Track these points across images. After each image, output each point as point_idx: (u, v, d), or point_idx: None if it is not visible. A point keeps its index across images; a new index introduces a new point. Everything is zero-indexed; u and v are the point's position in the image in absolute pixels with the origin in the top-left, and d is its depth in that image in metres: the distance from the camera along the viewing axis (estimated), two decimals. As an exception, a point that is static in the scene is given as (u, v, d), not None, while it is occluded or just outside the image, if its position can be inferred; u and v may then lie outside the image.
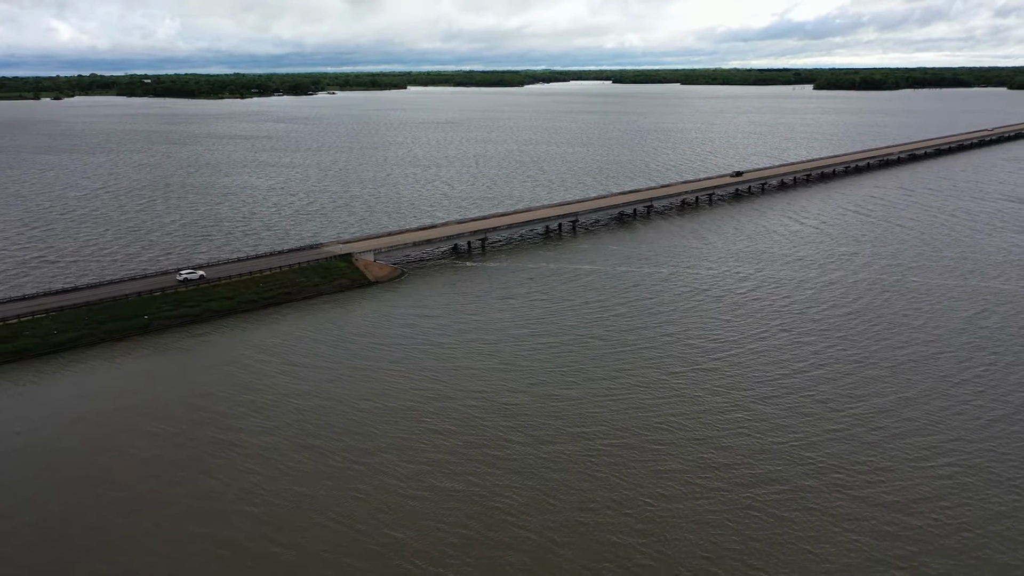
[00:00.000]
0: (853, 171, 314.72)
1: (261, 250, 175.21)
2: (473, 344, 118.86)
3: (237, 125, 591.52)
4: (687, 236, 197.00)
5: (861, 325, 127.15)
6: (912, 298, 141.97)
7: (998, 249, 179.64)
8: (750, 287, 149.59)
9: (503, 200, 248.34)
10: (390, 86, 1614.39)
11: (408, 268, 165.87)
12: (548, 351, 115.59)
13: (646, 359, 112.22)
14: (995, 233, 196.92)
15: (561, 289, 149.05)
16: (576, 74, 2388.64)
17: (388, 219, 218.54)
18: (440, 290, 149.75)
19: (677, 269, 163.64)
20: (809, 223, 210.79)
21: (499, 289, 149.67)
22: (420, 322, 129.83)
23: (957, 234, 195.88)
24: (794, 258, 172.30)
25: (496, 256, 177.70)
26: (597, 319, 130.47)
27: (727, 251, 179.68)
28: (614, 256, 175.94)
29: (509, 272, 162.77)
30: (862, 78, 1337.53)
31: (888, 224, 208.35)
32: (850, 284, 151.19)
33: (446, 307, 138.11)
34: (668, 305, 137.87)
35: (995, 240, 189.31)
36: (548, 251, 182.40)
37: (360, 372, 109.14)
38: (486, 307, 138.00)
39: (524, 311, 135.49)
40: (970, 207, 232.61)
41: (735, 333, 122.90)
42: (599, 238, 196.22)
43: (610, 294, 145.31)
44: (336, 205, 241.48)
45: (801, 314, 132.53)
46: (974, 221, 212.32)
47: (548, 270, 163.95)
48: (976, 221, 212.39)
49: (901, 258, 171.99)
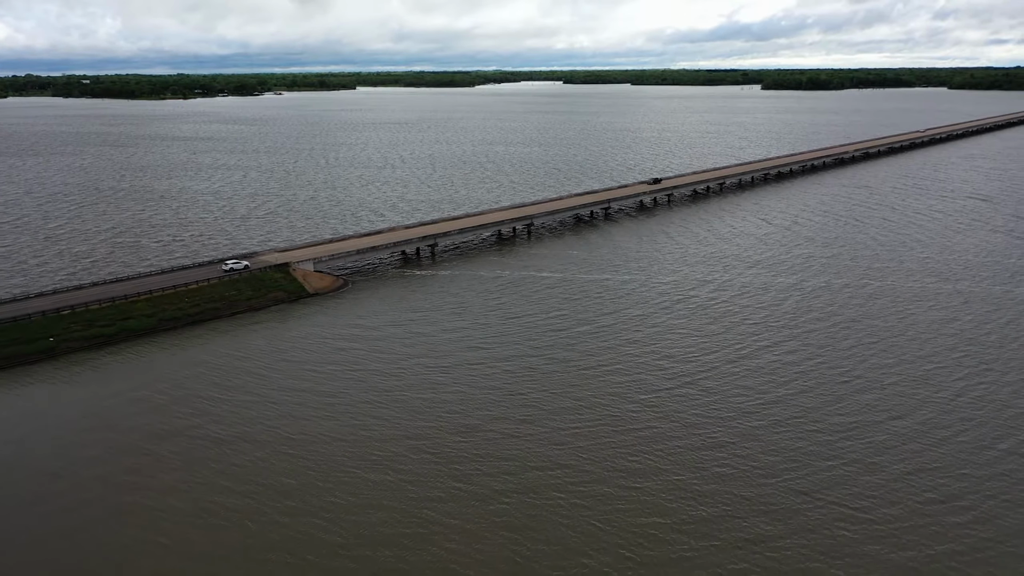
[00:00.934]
0: (810, 170, 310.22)
1: (190, 260, 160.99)
2: (418, 369, 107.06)
3: (178, 126, 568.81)
4: (650, 239, 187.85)
5: (848, 339, 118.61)
6: (899, 306, 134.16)
7: (978, 249, 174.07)
8: (724, 296, 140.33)
9: (457, 203, 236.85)
10: (339, 87, 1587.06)
11: (352, 278, 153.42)
12: (504, 377, 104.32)
13: (614, 385, 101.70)
14: (969, 232, 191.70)
15: (518, 301, 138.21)
16: (527, 75, 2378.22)
17: (333, 224, 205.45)
18: (385, 303, 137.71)
19: (643, 276, 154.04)
20: (777, 224, 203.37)
21: (450, 301, 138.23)
22: (360, 342, 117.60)
23: (931, 234, 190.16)
24: (767, 262, 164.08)
25: (447, 263, 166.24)
26: (558, 337, 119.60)
27: (695, 255, 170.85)
28: (573, 262, 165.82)
29: (461, 281, 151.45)
30: (808, 78, 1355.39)
31: (858, 224, 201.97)
32: (832, 291, 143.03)
33: (390, 323, 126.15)
34: (636, 320, 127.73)
35: (971, 239, 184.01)
36: (502, 257, 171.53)
37: (285, 409, 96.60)
38: (435, 323, 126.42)
39: (477, 328, 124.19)
40: (938, 206, 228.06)
41: (711, 353, 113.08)
42: (556, 242, 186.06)
43: (572, 306, 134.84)
44: (278, 210, 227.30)
45: (782, 328, 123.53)
46: (945, 220, 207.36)
47: (503, 279, 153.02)
48: (947, 220, 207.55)
49: (879, 260, 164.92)
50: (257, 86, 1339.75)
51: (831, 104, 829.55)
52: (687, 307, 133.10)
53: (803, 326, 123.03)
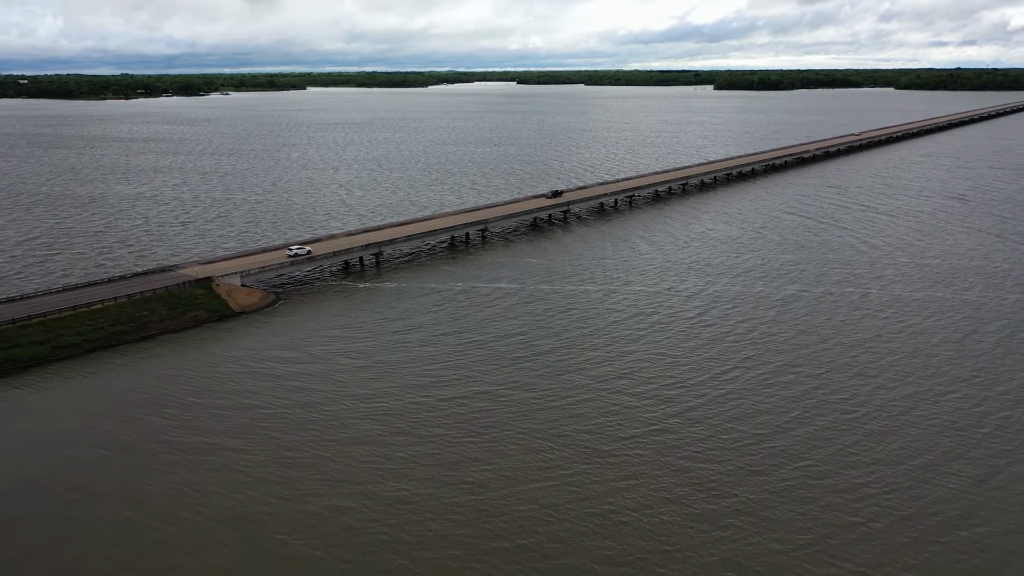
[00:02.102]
0: (772, 169, 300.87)
1: (100, 275, 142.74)
2: (355, 405, 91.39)
3: (116, 127, 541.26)
4: (613, 244, 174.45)
5: (841, 357, 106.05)
6: (896, 318, 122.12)
7: (965, 252, 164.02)
8: (699, 308, 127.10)
9: (409, 207, 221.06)
10: (288, 87, 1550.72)
11: (285, 293, 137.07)
12: (455, 412, 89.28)
13: (585, 421, 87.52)
14: (948, 235, 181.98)
15: (472, 318, 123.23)
16: (480, 75, 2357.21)
17: (270, 232, 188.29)
18: (320, 322, 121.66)
19: (609, 286, 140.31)
20: (749, 227, 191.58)
21: (396, 318, 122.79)
22: (286, 375, 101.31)
23: (913, 236, 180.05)
24: (741, 269, 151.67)
25: (393, 273, 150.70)
26: (518, 360, 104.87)
27: (664, 262, 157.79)
28: (532, 271, 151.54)
29: (409, 295, 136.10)
30: (759, 79, 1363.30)
31: (836, 226, 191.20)
32: (812, 300, 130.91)
33: (325, 348, 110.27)
34: (605, 337, 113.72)
35: (950, 242, 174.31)
36: (455, 266, 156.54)
37: (190, 465, 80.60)
38: (378, 346, 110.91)
39: (425, 350, 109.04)
40: (913, 205, 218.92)
41: (691, 376, 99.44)
42: (513, 249, 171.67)
43: (532, 323, 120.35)
44: (212, 216, 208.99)
45: (766, 344, 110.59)
46: (925, 220, 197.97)
47: (456, 291, 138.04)
48: (927, 220, 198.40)
49: (864, 265, 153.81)
50: (203, 86, 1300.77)
51: (784, 104, 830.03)
52: (660, 322, 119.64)
53: (792, 343, 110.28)
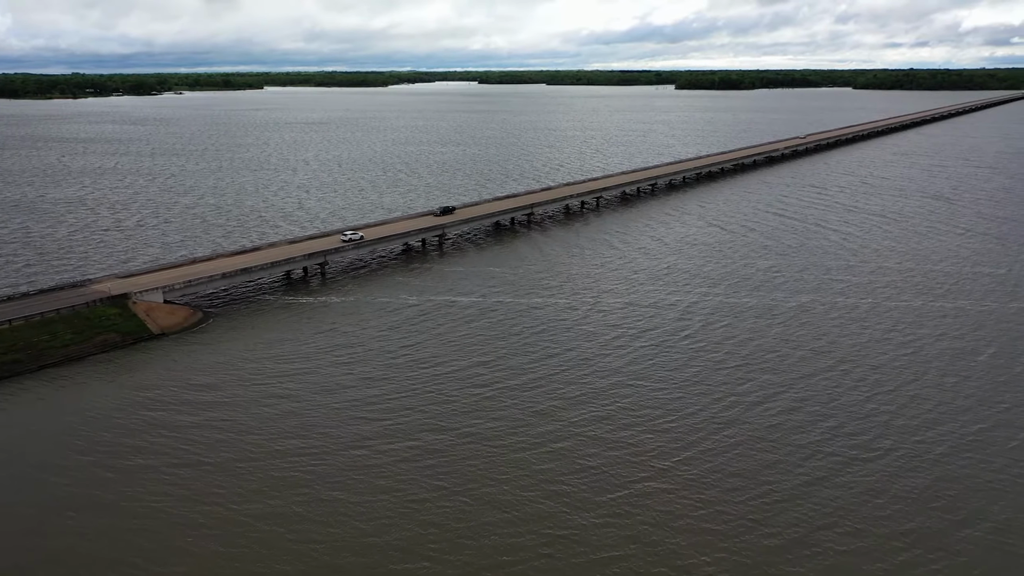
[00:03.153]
0: (741, 168, 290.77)
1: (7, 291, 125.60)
2: (284, 456, 76.35)
3: (59, 127, 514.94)
4: (584, 251, 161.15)
5: (855, 388, 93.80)
6: (901, 335, 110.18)
7: (959, 258, 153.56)
8: (686, 326, 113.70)
9: (364, 210, 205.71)
10: (245, 86, 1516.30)
11: (215, 309, 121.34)
12: (404, 465, 74.79)
13: (559, 479, 73.69)
14: (938, 237, 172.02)
15: (429, 341, 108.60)
16: (442, 75, 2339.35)
17: (210, 239, 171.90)
18: (251, 345, 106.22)
19: (582, 300, 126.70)
20: (730, 230, 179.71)
21: (339, 342, 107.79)
22: (205, 414, 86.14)
23: (902, 240, 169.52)
24: (727, 277, 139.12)
25: (342, 286, 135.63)
26: (481, 397, 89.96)
27: (643, 270, 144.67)
28: (495, 281, 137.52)
29: (357, 311, 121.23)
30: (720, 78, 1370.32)
31: (821, 229, 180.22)
32: (810, 313, 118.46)
33: (254, 378, 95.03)
34: (580, 364, 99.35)
35: (942, 245, 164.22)
36: (409, 276, 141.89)
37: (73, 528, 65.41)
38: (316, 376, 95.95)
39: (374, 385, 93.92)
40: (897, 206, 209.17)
41: (681, 418, 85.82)
42: (473, 256, 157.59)
43: (495, 345, 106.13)
44: (148, 222, 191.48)
45: (768, 371, 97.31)
46: (910, 222, 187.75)
47: (410, 307, 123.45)
48: (912, 222, 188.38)
49: (858, 272, 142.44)
50: (156, 85, 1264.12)
51: (747, 103, 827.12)
52: (644, 344, 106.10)
53: (795, 369, 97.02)
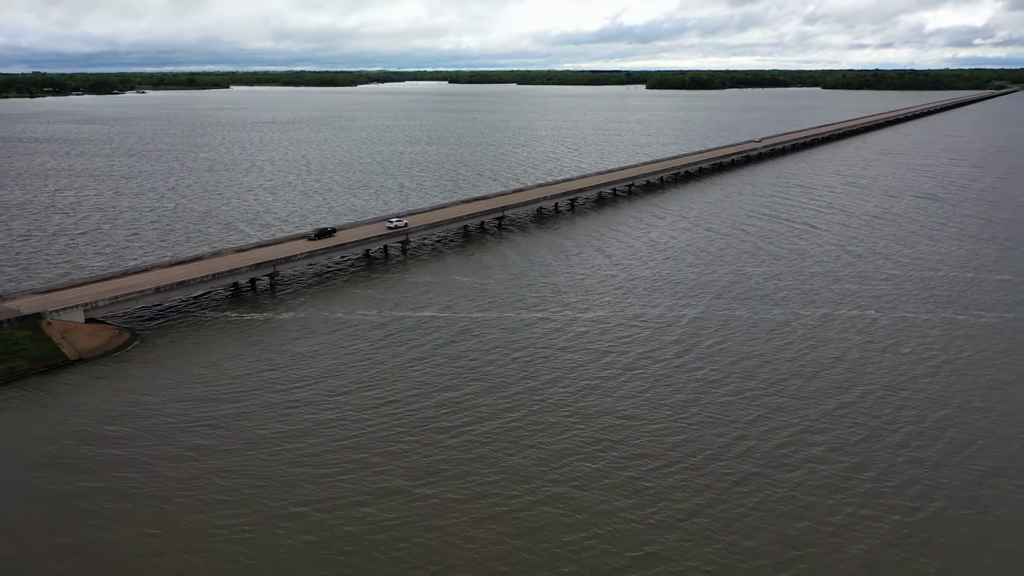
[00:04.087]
0: (720, 168, 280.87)
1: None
2: (210, 515, 63.51)
3: (10, 126, 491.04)
4: (561, 258, 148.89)
5: (874, 415, 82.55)
6: (931, 358, 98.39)
7: (966, 263, 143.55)
8: (677, 344, 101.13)
9: (325, 214, 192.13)
10: (211, 85, 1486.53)
11: (147, 328, 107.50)
12: (352, 526, 62.35)
13: (537, 547, 61.68)
14: (936, 240, 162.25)
15: (387, 366, 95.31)
16: (412, 75, 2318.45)
17: (150, 247, 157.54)
18: (183, 371, 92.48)
19: (562, 314, 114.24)
20: (716, 234, 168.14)
21: (285, 366, 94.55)
22: (112, 456, 72.86)
23: (895, 243, 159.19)
24: (718, 287, 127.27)
25: (293, 299, 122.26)
26: (444, 442, 76.94)
27: (626, 280, 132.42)
28: (463, 293, 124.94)
29: (308, 329, 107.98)
30: (690, 78, 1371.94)
31: (816, 232, 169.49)
32: (810, 328, 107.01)
33: (184, 413, 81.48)
34: (560, 391, 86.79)
35: (942, 248, 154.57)
36: (369, 287, 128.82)
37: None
38: (255, 409, 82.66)
39: (320, 424, 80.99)
40: (889, 207, 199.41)
41: (683, 456, 73.35)
42: (439, 264, 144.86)
43: (464, 369, 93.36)
44: (87, 227, 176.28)
45: (788, 407, 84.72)
46: (902, 226, 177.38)
47: (369, 324, 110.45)
48: (908, 224, 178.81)
49: (866, 280, 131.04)
50: (118, 84, 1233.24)
51: (719, 103, 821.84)
52: (637, 373, 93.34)
53: (816, 404, 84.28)
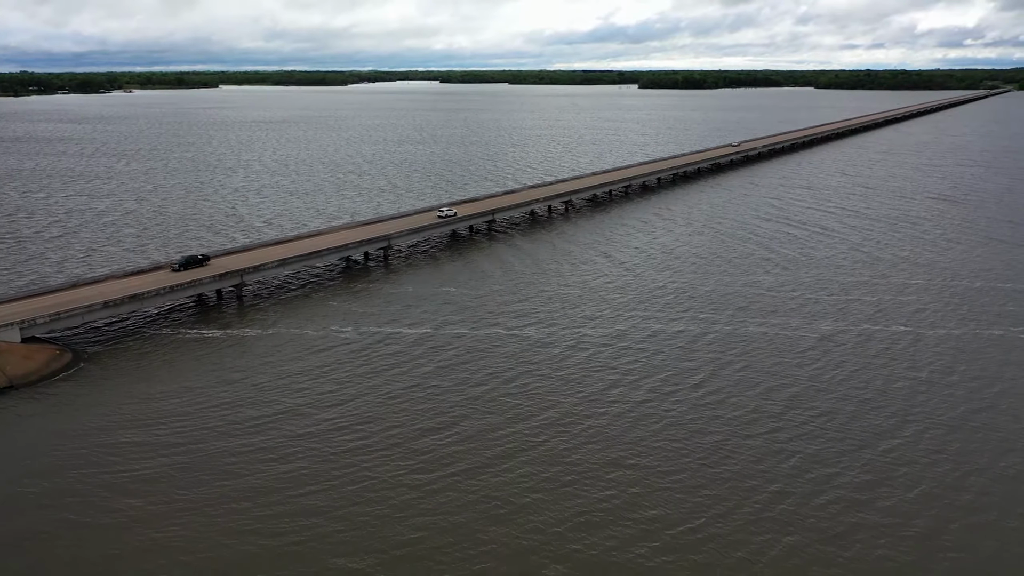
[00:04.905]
0: (719, 168, 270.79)
1: None
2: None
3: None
4: (554, 265, 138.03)
5: (934, 461, 72.18)
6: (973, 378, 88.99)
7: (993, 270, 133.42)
8: (697, 370, 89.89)
9: (307, 217, 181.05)
10: (200, 84, 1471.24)
11: (95, 347, 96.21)
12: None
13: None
14: (961, 245, 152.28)
15: (359, 393, 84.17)
16: (403, 75, 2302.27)
17: (109, 256, 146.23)
18: (132, 399, 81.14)
19: (558, 332, 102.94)
20: (727, 238, 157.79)
21: (245, 396, 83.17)
22: (39, 502, 61.90)
23: (918, 248, 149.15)
24: (738, 298, 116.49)
25: (262, 313, 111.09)
26: (416, 492, 66.30)
27: (627, 291, 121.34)
28: (450, 306, 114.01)
29: (275, 349, 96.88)
30: (683, 78, 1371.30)
31: (823, 235, 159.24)
32: (848, 348, 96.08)
33: (121, 452, 70.50)
34: (561, 434, 75.93)
35: (970, 255, 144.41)
36: (347, 300, 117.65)
37: None
38: (200, 460, 71.60)
39: (279, 474, 70.19)
40: (901, 210, 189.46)
41: (716, 519, 62.84)
42: (425, 272, 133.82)
43: (445, 405, 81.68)
44: (44, 233, 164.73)
45: (818, 434, 74.31)
46: (922, 229, 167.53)
47: (344, 341, 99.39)
48: (929, 228, 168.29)
49: (890, 291, 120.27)
50: (105, 83, 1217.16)
51: (714, 102, 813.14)
52: (643, 399, 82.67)
53: (849, 436, 73.90)
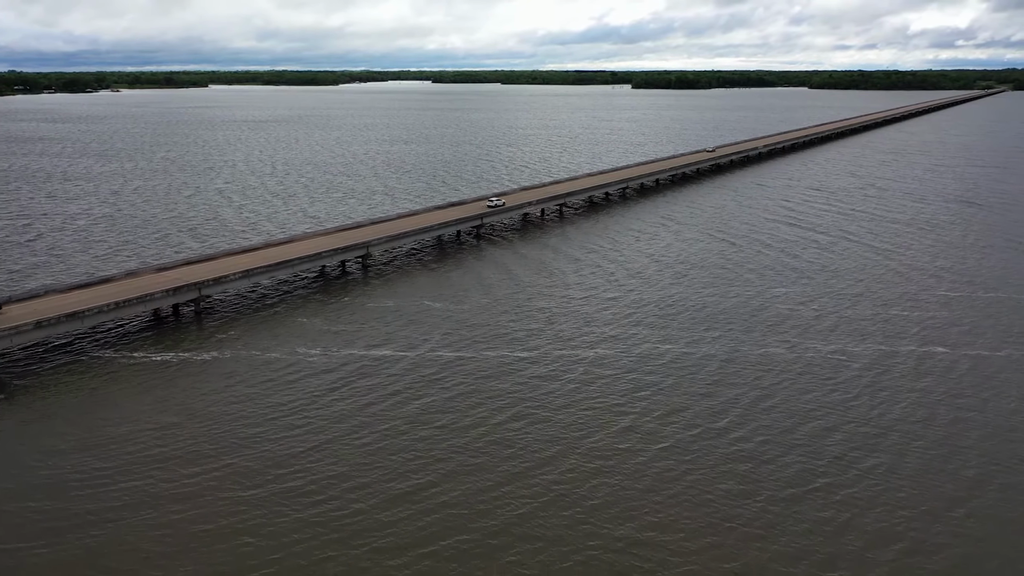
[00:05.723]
0: (719, 169, 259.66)
1: None
2: None
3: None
4: (551, 276, 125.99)
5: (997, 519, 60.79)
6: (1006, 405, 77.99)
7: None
8: (729, 410, 78.17)
9: (287, 221, 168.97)
10: (189, 84, 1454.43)
11: (23, 374, 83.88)
12: None
13: None
14: (992, 252, 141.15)
15: (324, 441, 72.07)
16: (395, 75, 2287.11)
17: (68, 265, 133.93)
18: (57, 436, 69.13)
19: (560, 358, 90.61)
20: (740, 243, 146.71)
21: (192, 433, 70.96)
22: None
23: (947, 256, 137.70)
24: (759, 316, 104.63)
25: (222, 332, 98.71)
26: (385, 556, 55.03)
27: (637, 308, 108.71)
28: (433, 323, 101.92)
29: (231, 375, 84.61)
30: (676, 78, 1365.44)
31: (845, 240, 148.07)
32: (903, 378, 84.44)
33: (38, 508, 58.47)
34: (559, 490, 64.67)
35: (1004, 264, 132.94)
36: (318, 317, 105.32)
37: None
38: (125, 523, 59.72)
39: (227, 528, 58.42)
40: (920, 213, 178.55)
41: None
42: (407, 284, 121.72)
43: (425, 445, 69.72)
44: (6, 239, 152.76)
45: (882, 500, 63.16)
46: (947, 233, 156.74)
47: (310, 368, 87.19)
48: (949, 233, 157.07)
49: (920, 304, 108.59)
50: (92, 83, 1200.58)
51: (710, 102, 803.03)
52: (661, 443, 71.25)
53: (915, 495, 63.46)
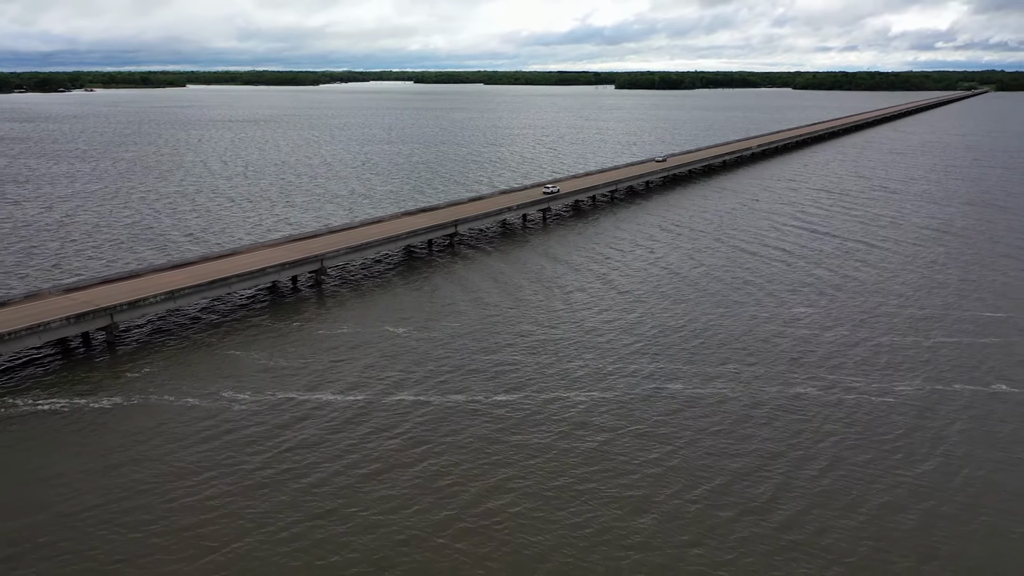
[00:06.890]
0: (711, 170, 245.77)
1: None
2: None
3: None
4: (534, 294, 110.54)
5: None
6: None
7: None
8: (743, 456, 63.66)
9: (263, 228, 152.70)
10: (166, 84, 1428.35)
11: None
12: None
13: None
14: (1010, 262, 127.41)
15: (243, 507, 57.12)
16: (377, 75, 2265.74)
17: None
18: None
19: (543, 395, 75.36)
20: (755, 250, 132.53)
21: (82, 508, 55.45)
22: None
23: (984, 267, 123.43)
24: (787, 343, 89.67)
25: (131, 367, 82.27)
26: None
27: (634, 330, 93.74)
28: (395, 355, 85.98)
29: (148, 417, 68.63)
30: (660, 78, 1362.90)
31: (873, 249, 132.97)
32: (949, 419, 70.19)
33: None
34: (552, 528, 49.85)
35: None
36: (253, 346, 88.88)
37: None
38: None
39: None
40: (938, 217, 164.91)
41: None
42: (365, 304, 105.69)
43: (376, 536, 54.92)
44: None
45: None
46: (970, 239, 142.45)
47: (240, 412, 71.36)
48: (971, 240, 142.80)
49: (969, 324, 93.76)
50: (65, 82, 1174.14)
51: (694, 101, 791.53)
52: (683, 526, 56.18)
53: None
